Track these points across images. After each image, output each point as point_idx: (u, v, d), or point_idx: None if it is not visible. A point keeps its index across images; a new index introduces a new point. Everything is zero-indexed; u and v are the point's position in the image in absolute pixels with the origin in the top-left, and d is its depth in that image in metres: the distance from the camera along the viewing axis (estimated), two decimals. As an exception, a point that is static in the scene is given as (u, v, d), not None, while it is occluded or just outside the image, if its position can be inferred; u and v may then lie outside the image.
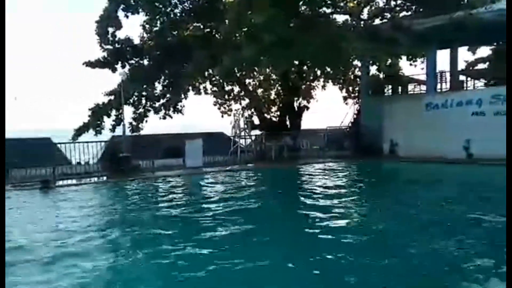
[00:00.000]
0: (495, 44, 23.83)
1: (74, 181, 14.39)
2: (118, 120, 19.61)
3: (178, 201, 10.73)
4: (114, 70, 20.34)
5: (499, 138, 16.72)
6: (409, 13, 20.97)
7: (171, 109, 22.18)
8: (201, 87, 23.26)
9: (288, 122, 23.17)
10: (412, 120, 19.50)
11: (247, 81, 24.21)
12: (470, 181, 14.13)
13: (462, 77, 23.89)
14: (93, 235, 7.42)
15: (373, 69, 22.20)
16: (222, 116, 24.57)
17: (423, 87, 22.13)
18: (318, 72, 22.86)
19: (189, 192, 12.71)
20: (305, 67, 22.55)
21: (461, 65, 24.93)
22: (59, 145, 16.95)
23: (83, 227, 7.90)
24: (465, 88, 22.51)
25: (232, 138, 21.59)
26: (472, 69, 25.87)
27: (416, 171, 17.06)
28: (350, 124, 23.68)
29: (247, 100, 24.25)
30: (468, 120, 18.45)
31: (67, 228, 7.85)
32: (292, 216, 8.77)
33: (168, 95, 22.06)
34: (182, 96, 22.28)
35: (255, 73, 22.92)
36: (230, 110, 24.48)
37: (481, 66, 26.02)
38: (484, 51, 25.64)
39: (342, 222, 7.94)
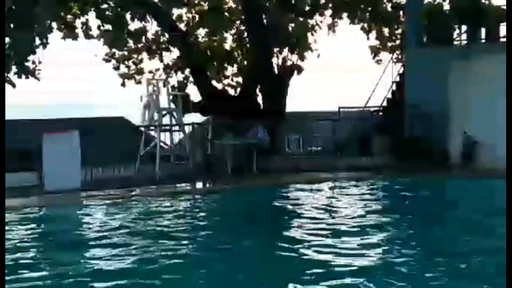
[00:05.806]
0: None
1: None
2: None
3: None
4: None
5: None
6: None
7: (14, 67, 12.51)
8: (79, 23, 13.08)
9: (260, 99, 14.24)
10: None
11: (176, 12, 14.04)
12: None
13: None
14: None
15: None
16: (124, 85, 14.45)
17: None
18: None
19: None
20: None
21: None
22: None
23: None
24: None
25: (143, 129, 12.40)
26: None
27: None
28: (384, 104, 15.66)
29: (176, 52, 14.37)
30: None
31: None
32: None
33: (8, 39, 12.53)
34: (38, 41, 12.24)
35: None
36: (141, 72, 14.65)
37: None
38: None
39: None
